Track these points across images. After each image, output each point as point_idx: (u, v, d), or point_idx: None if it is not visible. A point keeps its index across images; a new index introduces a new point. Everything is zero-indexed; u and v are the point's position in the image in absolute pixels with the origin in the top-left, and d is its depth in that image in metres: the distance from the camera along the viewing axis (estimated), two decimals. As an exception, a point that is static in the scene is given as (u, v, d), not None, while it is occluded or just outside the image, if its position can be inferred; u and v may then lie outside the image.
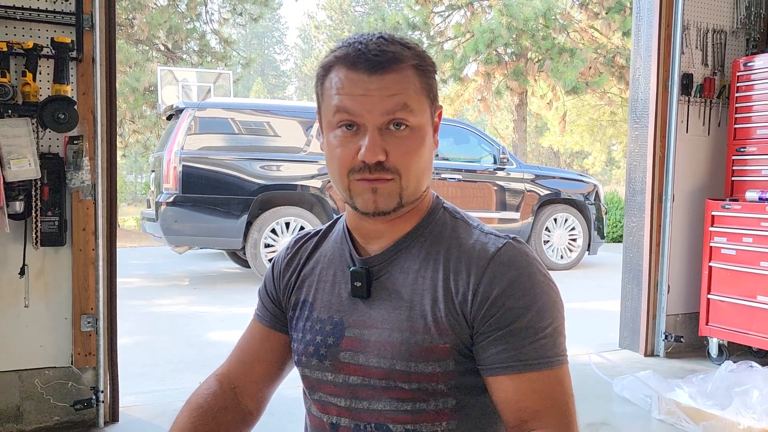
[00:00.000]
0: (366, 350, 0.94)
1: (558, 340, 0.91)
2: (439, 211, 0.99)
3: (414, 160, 0.91)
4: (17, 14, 2.42)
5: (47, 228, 2.49)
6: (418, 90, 0.91)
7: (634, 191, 3.89)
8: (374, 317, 0.94)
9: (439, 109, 0.97)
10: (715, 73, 3.81)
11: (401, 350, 0.91)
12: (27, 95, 2.41)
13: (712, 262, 3.61)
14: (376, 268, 0.97)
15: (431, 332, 0.90)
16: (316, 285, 1.02)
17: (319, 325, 0.99)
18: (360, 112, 0.88)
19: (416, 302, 0.93)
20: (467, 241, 0.95)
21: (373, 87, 0.88)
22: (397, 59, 0.90)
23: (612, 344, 4.01)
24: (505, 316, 0.88)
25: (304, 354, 0.99)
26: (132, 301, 5.40)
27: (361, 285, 0.96)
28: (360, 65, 0.89)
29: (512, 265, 0.90)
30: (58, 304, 2.57)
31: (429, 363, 0.90)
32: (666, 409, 2.75)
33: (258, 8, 14.36)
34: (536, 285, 0.90)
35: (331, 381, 0.97)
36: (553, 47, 12.69)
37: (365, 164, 0.89)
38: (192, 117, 6.22)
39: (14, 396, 2.52)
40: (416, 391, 0.91)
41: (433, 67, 0.95)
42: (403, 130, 0.90)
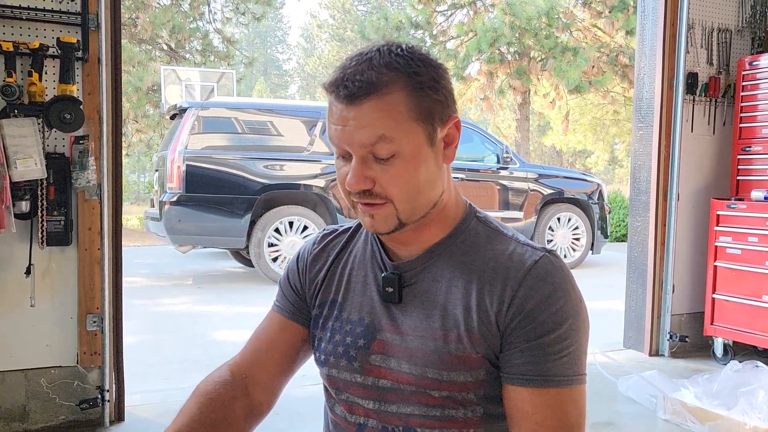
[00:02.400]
0: (397, 355, 0.94)
1: (581, 359, 0.91)
2: (472, 221, 0.99)
3: (404, 185, 0.89)
4: (23, 14, 2.42)
5: (53, 228, 2.49)
6: (403, 114, 0.86)
7: (639, 190, 3.89)
8: (406, 323, 0.94)
9: (450, 120, 0.92)
10: (720, 72, 3.80)
11: (433, 358, 0.91)
12: (33, 95, 2.41)
13: (717, 261, 3.60)
14: (408, 275, 0.96)
15: (464, 341, 0.90)
16: (346, 285, 1.02)
17: (349, 326, 0.98)
18: (342, 143, 0.88)
19: (449, 311, 0.92)
20: (503, 251, 0.94)
21: (350, 117, 0.86)
22: (375, 87, 0.85)
23: (617, 344, 4.00)
24: (536, 330, 0.88)
25: (333, 354, 0.99)
26: (136, 300, 5.41)
27: (392, 291, 0.96)
28: (340, 94, 0.87)
29: (548, 280, 0.90)
30: (63, 304, 2.58)
31: (461, 372, 0.90)
32: (671, 409, 2.75)
33: (261, 7, 14.36)
34: (569, 302, 0.90)
35: (360, 383, 0.97)
36: (556, 46, 12.67)
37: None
38: (195, 116, 6.23)
39: (20, 395, 2.52)
40: (446, 398, 0.91)
41: (435, 80, 0.89)
42: (389, 159, 0.87)
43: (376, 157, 0.87)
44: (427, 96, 0.88)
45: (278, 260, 6.32)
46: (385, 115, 0.85)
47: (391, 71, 0.86)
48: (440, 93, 0.90)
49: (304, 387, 3.00)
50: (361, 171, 0.88)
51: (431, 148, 0.90)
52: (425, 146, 0.89)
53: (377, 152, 0.87)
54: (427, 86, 0.88)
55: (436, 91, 0.89)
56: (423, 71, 0.88)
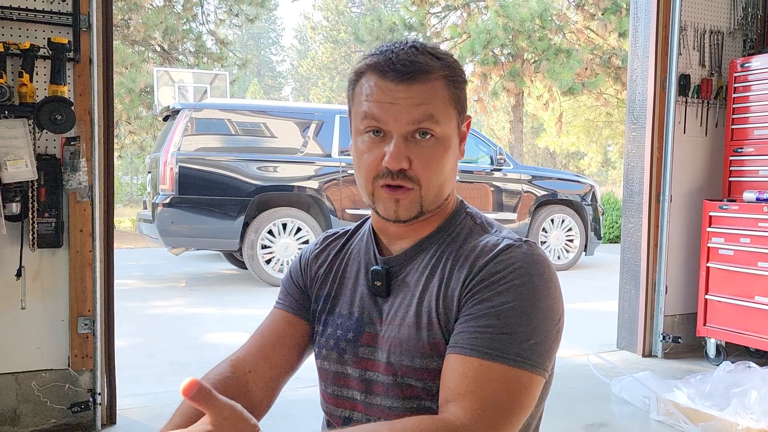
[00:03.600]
0: (381, 347, 0.96)
1: (528, 343, 0.85)
2: (461, 215, 1.01)
3: (436, 170, 0.93)
4: (14, 14, 2.40)
5: (44, 229, 2.48)
6: (445, 100, 0.92)
7: (632, 192, 3.90)
8: (390, 315, 0.97)
9: (468, 119, 0.99)
10: (713, 73, 3.82)
11: (408, 346, 0.93)
12: (24, 96, 2.39)
13: (709, 262, 3.62)
14: (396, 268, 0.99)
15: (434, 327, 0.92)
16: (340, 280, 1.05)
17: (340, 320, 1.01)
18: (386, 120, 0.91)
19: (423, 298, 0.94)
20: (479, 243, 0.96)
21: (400, 96, 0.90)
22: (425, 70, 0.91)
23: (610, 345, 4.01)
24: (483, 304, 0.87)
25: (325, 347, 1.02)
26: (129, 302, 5.38)
27: (381, 284, 0.98)
28: (389, 74, 0.91)
29: (513, 261, 0.90)
30: (55, 306, 2.56)
31: (433, 359, 0.91)
32: (665, 409, 2.75)
33: (254, 9, 14.34)
34: (527, 287, 0.88)
35: (350, 375, 0.99)
36: (549, 48, 12.71)
37: (389, 170, 0.91)
38: (188, 118, 6.20)
39: (11, 399, 2.50)
40: (422, 389, 0.92)
41: (463, 77, 0.96)
42: (428, 140, 0.92)
43: (415, 138, 0.91)
44: (459, 89, 0.95)
45: (271, 262, 6.30)
46: (433, 96, 0.91)
47: (436, 60, 0.93)
48: (465, 90, 0.98)
49: (297, 390, 2.99)
50: (402, 149, 0.90)
51: (456, 138, 0.96)
52: (455, 136, 0.96)
53: (425, 126, 0.91)
54: (460, 81, 0.95)
55: (462, 88, 0.97)
56: (456, 66, 0.95)
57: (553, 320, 0.89)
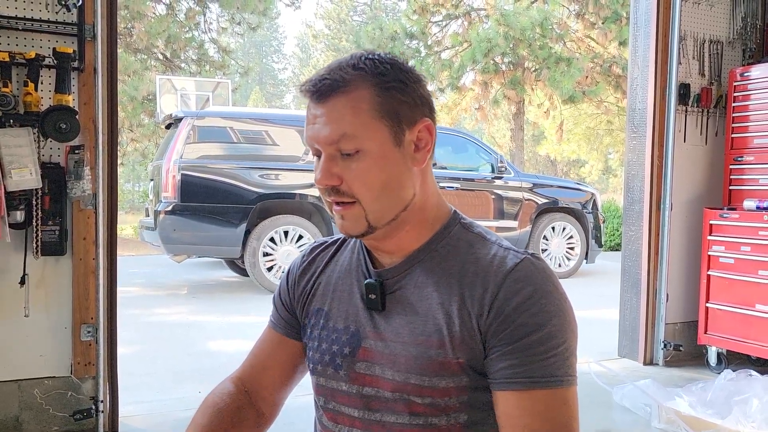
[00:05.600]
0: (381, 362, 0.94)
1: (569, 360, 0.89)
2: (455, 227, 0.98)
3: (370, 185, 0.90)
4: (19, 25, 2.43)
5: (48, 237, 2.49)
6: (367, 112, 0.89)
7: (633, 200, 3.91)
8: (389, 330, 0.95)
9: (420, 123, 0.92)
10: (712, 83, 3.84)
11: (415, 364, 0.91)
12: (29, 105, 2.41)
13: (710, 270, 3.62)
14: (390, 282, 0.97)
15: (445, 347, 0.90)
16: (332, 294, 1.03)
17: (335, 335, 0.99)
18: (311, 140, 0.92)
19: (431, 317, 0.92)
20: (485, 256, 0.93)
21: (318, 114, 0.90)
22: (339, 85, 0.88)
23: (611, 353, 4.01)
24: (518, 331, 0.87)
25: (320, 363, 1.00)
26: (131, 310, 5.39)
27: (375, 297, 0.96)
28: (308, 92, 0.91)
29: (529, 281, 0.89)
30: (58, 314, 2.57)
31: (443, 378, 0.90)
32: (666, 418, 2.75)
33: (256, 18, 14.40)
34: (551, 303, 0.89)
35: (346, 391, 0.97)
36: (550, 56, 12.74)
37: (324, 187, 0.92)
38: (191, 126, 6.23)
39: (13, 406, 2.51)
40: (429, 405, 0.91)
41: (400, 83, 0.91)
42: (354, 155, 0.89)
43: (342, 154, 0.90)
44: (392, 96, 0.90)
45: (273, 269, 6.31)
46: (347, 112, 0.88)
47: (356, 71, 0.89)
48: (407, 95, 0.91)
49: (296, 397, 2.99)
50: (327, 167, 0.90)
51: (398, 148, 0.91)
52: (390, 145, 0.90)
53: (342, 147, 0.89)
54: (393, 87, 0.90)
55: (403, 92, 0.91)
56: (390, 72, 0.90)
57: (575, 327, 0.92)
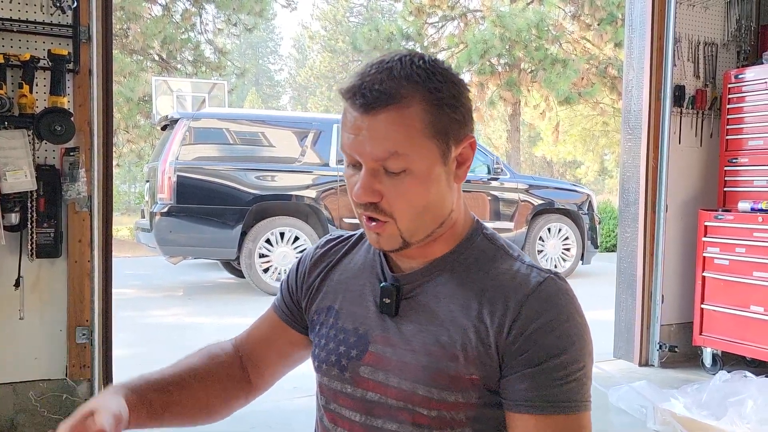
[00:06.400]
0: (387, 368, 0.91)
1: (586, 385, 0.88)
2: (478, 237, 0.95)
3: (411, 203, 0.86)
4: (14, 26, 2.42)
5: (43, 240, 2.49)
6: (419, 131, 0.84)
7: (628, 202, 3.92)
8: (400, 336, 0.92)
9: (466, 140, 0.89)
10: (707, 84, 3.85)
11: (424, 375, 0.88)
12: (23, 107, 2.41)
13: (705, 272, 3.63)
14: (407, 287, 0.94)
15: (459, 361, 0.87)
16: (343, 293, 1.00)
17: (342, 335, 0.97)
18: (353, 152, 0.86)
19: (446, 328, 0.89)
20: (507, 271, 0.91)
21: (365, 127, 0.84)
22: (392, 97, 0.82)
23: (606, 354, 4.02)
24: (539, 354, 0.85)
25: (325, 362, 0.98)
26: (127, 312, 5.37)
27: (389, 302, 0.93)
28: (356, 102, 0.84)
29: (552, 303, 0.87)
30: (53, 316, 2.57)
31: (452, 392, 0.88)
32: (661, 419, 2.76)
33: (252, 18, 14.39)
34: (573, 327, 0.87)
35: (349, 394, 0.95)
36: (545, 58, 12.76)
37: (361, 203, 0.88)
38: (187, 127, 6.22)
39: (8, 409, 2.50)
40: (435, 418, 0.89)
41: (453, 99, 0.86)
42: (400, 174, 0.85)
43: (386, 171, 0.85)
44: (445, 114, 0.85)
45: (269, 271, 6.31)
46: (400, 129, 0.83)
47: (410, 84, 0.83)
48: (459, 111, 0.87)
49: (294, 400, 3.00)
50: (369, 183, 0.85)
51: (444, 167, 0.87)
52: (438, 165, 0.87)
53: (388, 166, 0.84)
54: (446, 103, 0.85)
55: (455, 109, 0.87)
56: (444, 87, 0.85)
57: (592, 350, 0.91)
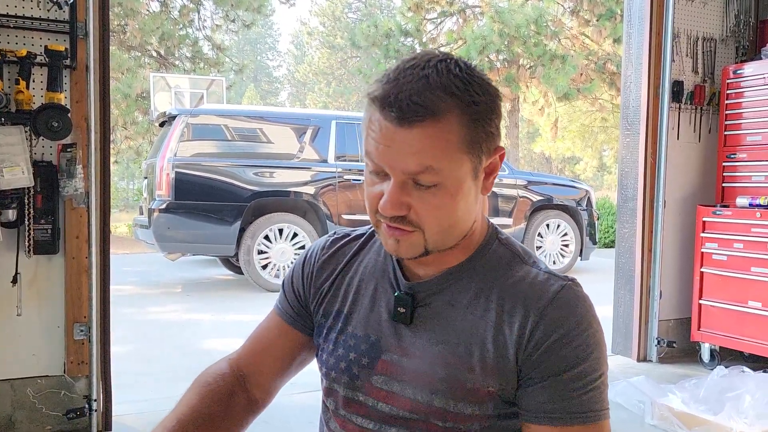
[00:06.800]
0: (402, 379, 0.89)
1: (604, 393, 0.87)
2: (494, 243, 0.93)
3: (440, 217, 0.83)
4: (11, 22, 2.41)
5: (40, 236, 2.48)
6: (455, 145, 0.80)
7: (626, 197, 3.92)
8: (415, 346, 0.89)
9: (497, 152, 0.87)
10: (705, 80, 3.84)
11: (442, 387, 0.86)
12: (20, 103, 2.40)
13: (703, 267, 3.64)
14: (422, 295, 0.91)
15: (476, 372, 0.86)
16: (354, 297, 0.97)
17: (353, 341, 0.94)
18: (382, 162, 0.82)
19: (463, 339, 0.87)
20: (524, 278, 0.89)
21: (398, 139, 0.79)
22: (431, 112, 0.78)
23: (605, 350, 4.02)
24: (558, 365, 0.83)
25: (335, 369, 0.95)
26: (125, 308, 5.37)
27: (404, 312, 0.91)
28: (390, 111, 0.79)
29: (572, 312, 0.85)
30: (50, 313, 2.56)
31: (468, 404, 0.86)
32: (659, 414, 2.76)
33: (251, 15, 14.36)
34: (592, 336, 0.85)
35: (361, 402, 0.92)
36: (544, 54, 12.75)
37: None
38: (185, 124, 6.21)
39: (6, 405, 2.50)
40: (450, 429, 0.87)
41: (490, 113, 0.83)
42: (431, 188, 0.82)
43: (416, 183, 0.81)
44: (480, 127, 0.82)
45: (268, 267, 6.31)
46: (435, 144, 0.79)
47: (448, 95, 0.79)
48: (492, 124, 0.84)
49: (293, 395, 3.00)
50: (398, 196, 0.81)
51: (474, 180, 0.85)
52: (469, 179, 0.84)
53: (420, 180, 0.81)
54: (482, 118, 0.82)
55: (489, 122, 0.84)
56: (481, 100, 0.82)
57: (607, 357, 0.89)
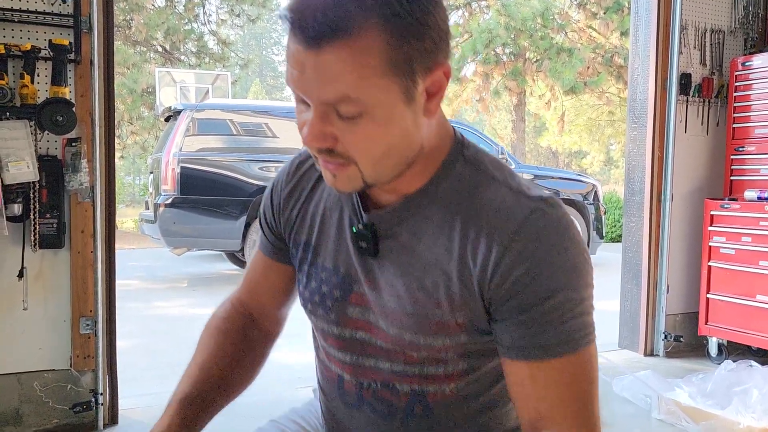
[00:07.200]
0: (375, 310, 0.86)
1: (586, 319, 0.79)
2: (458, 163, 0.83)
3: (371, 147, 0.74)
4: (15, 16, 2.41)
5: (46, 230, 2.48)
6: (376, 68, 0.69)
7: (633, 191, 3.89)
8: (383, 280, 0.85)
9: (437, 69, 0.74)
10: (714, 72, 3.81)
11: (410, 322, 0.83)
12: (25, 97, 2.40)
13: (711, 261, 3.61)
14: (384, 226, 0.84)
15: (443, 307, 0.81)
16: (320, 227, 0.92)
17: (324, 274, 0.90)
18: (299, 90, 0.72)
19: (428, 272, 0.82)
20: (491, 202, 0.79)
21: (308, 64, 0.69)
22: (341, 29, 0.67)
23: (611, 344, 4.00)
24: (529, 299, 0.77)
25: (310, 302, 0.93)
26: (131, 303, 5.39)
27: (367, 246, 0.85)
28: (297, 32, 0.69)
29: (541, 240, 0.76)
30: (56, 307, 2.57)
31: (439, 337, 0.83)
32: (666, 408, 2.75)
33: (256, 9, 14.36)
34: (567, 261, 0.77)
35: (338, 335, 0.90)
36: (551, 47, 12.71)
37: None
38: (190, 118, 6.22)
39: (13, 399, 2.51)
40: (425, 358, 0.85)
41: (420, 25, 0.70)
42: (355, 118, 0.72)
43: (339, 114, 0.72)
44: (408, 44, 0.70)
45: (274, 262, 6.31)
46: (351, 68, 0.68)
47: (364, 10, 0.68)
48: (427, 38, 0.71)
49: (298, 390, 3.00)
50: (319, 128, 0.72)
51: (408, 105, 0.74)
52: (400, 105, 0.73)
53: (340, 111, 0.71)
54: (409, 31, 0.70)
55: (422, 36, 0.71)
56: (405, 12, 0.69)
57: (592, 278, 0.81)
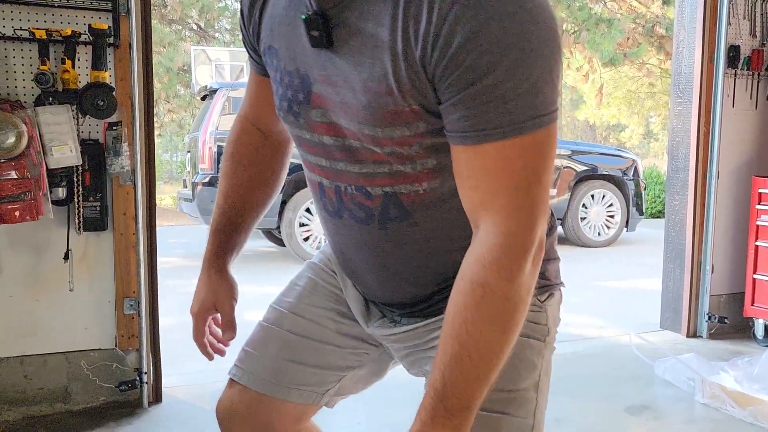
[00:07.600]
0: (335, 109, 0.83)
1: (538, 98, 0.71)
2: None
3: None
4: (55, 2, 2.43)
5: (89, 213, 2.53)
6: None
7: (677, 168, 3.78)
8: (338, 74, 0.81)
9: None
10: (764, 44, 3.65)
11: (366, 113, 0.79)
12: (66, 82, 2.43)
13: (758, 241, 3.50)
14: (334, 12, 0.79)
15: (394, 94, 0.76)
16: (278, 29, 0.89)
17: (287, 78, 0.88)
18: None
19: (377, 58, 0.76)
20: None
21: None
22: None
23: (653, 325, 3.94)
24: (467, 76, 0.70)
25: (281, 109, 0.92)
26: (171, 281, 5.48)
27: (319, 34, 0.79)
28: None
29: (482, 6, 0.68)
30: (101, 288, 2.63)
31: (397, 127, 0.78)
32: (710, 392, 2.69)
33: (289, -16, 14.28)
34: (510, 30, 0.68)
35: (309, 140, 0.90)
36: (589, 18, 12.36)
37: None
38: (226, 97, 6.25)
39: (62, 377, 2.59)
40: (390, 154, 0.82)
41: None
42: None
43: None
44: None
45: (309, 239, 6.35)
46: None
47: None
48: None
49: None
50: None
51: None
52: None
53: None
54: None
55: None
56: None
57: (551, 51, 0.72)
